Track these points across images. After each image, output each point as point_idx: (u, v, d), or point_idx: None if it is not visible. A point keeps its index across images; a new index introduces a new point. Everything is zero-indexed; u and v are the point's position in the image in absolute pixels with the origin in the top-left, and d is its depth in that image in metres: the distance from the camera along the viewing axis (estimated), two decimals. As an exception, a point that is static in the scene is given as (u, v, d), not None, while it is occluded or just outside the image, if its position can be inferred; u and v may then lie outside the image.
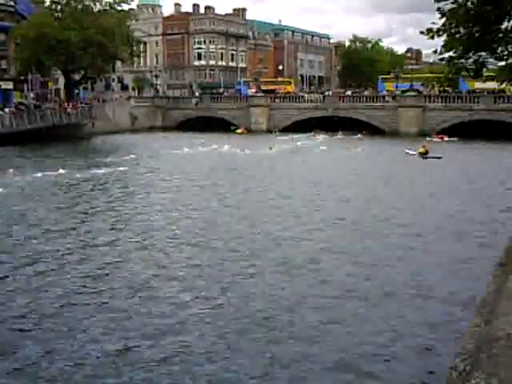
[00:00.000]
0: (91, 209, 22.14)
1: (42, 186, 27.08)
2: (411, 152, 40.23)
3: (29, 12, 58.82)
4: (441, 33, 15.00)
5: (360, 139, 53.42)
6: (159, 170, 34.32)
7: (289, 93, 76.73)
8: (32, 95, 56.96)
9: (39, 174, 29.90)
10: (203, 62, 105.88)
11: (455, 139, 50.59)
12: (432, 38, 15.21)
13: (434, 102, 59.76)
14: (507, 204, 22.52)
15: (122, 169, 33.62)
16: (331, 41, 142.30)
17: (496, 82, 17.97)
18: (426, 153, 38.67)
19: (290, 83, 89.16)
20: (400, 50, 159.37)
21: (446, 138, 51.59)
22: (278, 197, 24.51)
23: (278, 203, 23.02)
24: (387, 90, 73.96)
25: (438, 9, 15.29)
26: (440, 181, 29.62)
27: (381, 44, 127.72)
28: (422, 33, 15.26)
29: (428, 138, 49.41)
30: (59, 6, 59.53)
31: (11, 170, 30.46)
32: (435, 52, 16.48)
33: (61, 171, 31.17)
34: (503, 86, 25.38)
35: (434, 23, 15.27)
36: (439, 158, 37.90)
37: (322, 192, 25.82)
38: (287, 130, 61.76)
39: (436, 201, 23.79)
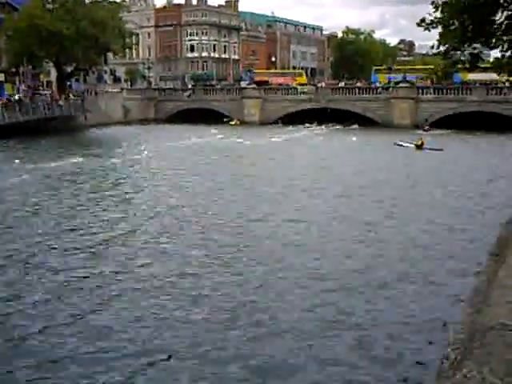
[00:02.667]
0: (99, 195, 23.13)
1: (49, 175, 27.70)
2: (404, 144, 39.98)
3: (20, 3, 58.32)
4: (435, 25, 15.04)
5: (356, 129, 54.56)
6: (163, 160, 34.64)
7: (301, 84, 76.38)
8: (24, 87, 56.59)
9: (41, 165, 30.32)
10: (196, 54, 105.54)
11: (442, 132, 50.40)
12: (427, 29, 15.25)
13: (426, 93, 59.85)
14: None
15: (123, 159, 34.04)
16: (324, 32, 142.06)
17: (495, 72, 18.10)
18: (422, 145, 38.43)
19: (301, 75, 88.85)
20: (393, 41, 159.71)
21: (436, 131, 51.29)
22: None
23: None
24: (380, 82, 74.01)
25: (432, 2, 15.34)
26: (454, 173, 29.63)
27: (373, 36, 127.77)
28: (418, 25, 15.32)
29: (421, 131, 49.34)
30: (51, -2, 59.09)
31: (17, 161, 31.53)
32: (432, 47, 16.55)
33: (63, 162, 31.86)
34: (499, 77, 25.51)
35: (429, 14, 15.33)
36: (440, 150, 37.64)
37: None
38: (281, 121, 62.18)
39: (433, 191, 23.97)
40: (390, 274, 13.22)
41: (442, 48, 16.25)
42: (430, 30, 15.38)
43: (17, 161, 31.76)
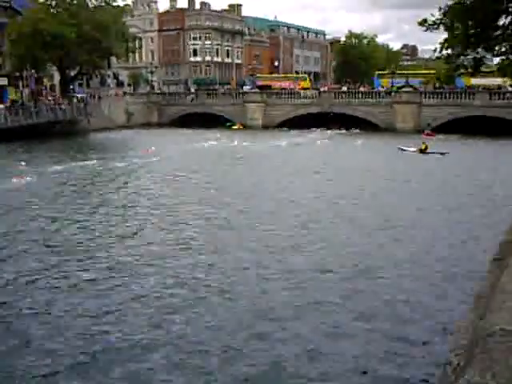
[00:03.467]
0: (105, 196, 23.88)
1: (55, 177, 28.28)
2: (408, 149, 39.86)
3: (24, 7, 58.44)
4: (436, 26, 15.08)
5: (358, 133, 54.74)
6: (169, 164, 34.76)
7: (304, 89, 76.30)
8: (27, 91, 56.68)
9: (48, 168, 30.79)
10: (199, 58, 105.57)
11: (443, 136, 50.18)
12: (428, 30, 15.27)
13: (429, 98, 59.77)
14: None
15: (129, 163, 34.27)
16: (327, 37, 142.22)
17: (500, 75, 18.21)
18: (426, 149, 38.34)
19: (304, 79, 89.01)
20: (396, 46, 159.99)
21: (439, 136, 51.00)
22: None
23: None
24: (382, 86, 73.96)
25: (440, 8, 15.38)
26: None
27: (376, 40, 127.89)
28: (420, 24, 15.37)
29: (423, 136, 49.17)
30: (54, 2, 59.25)
31: (23, 163, 32.02)
32: (435, 51, 16.61)
33: (68, 165, 32.35)
34: (502, 81, 25.52)
35: (432, 15, 15.39)
36: (445, 153, 37.43)
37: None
38: (283, 125, 62.17)
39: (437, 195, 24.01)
40: (390, 279, 13.21)
41: (444, 52, 16.30)
42: (431, 31, 15.43)
43: (23, 163, 32.20)
